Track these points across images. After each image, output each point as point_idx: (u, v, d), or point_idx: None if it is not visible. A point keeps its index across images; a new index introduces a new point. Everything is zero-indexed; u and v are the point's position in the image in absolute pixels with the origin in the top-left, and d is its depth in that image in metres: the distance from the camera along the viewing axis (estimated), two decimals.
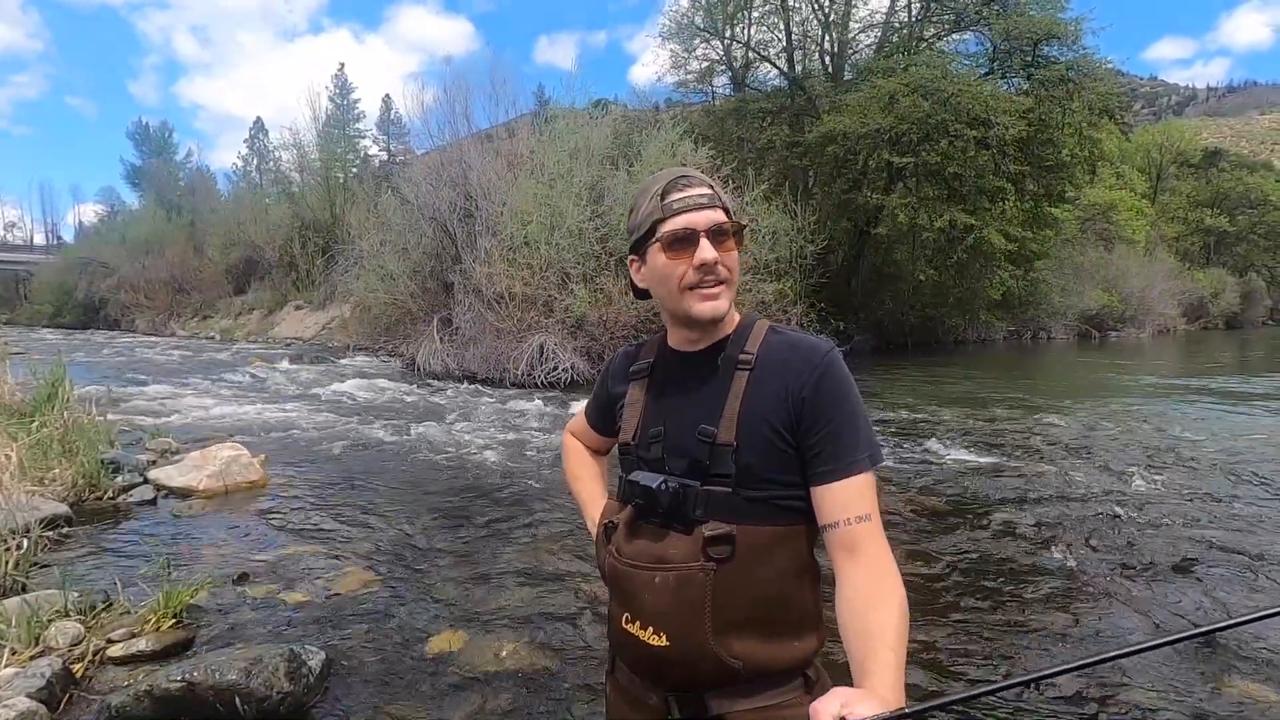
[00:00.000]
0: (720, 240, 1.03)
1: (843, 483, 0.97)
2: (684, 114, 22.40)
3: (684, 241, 1.03)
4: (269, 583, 3.40)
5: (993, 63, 20.69)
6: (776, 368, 1.03)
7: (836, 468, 0.97)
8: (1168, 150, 53.45)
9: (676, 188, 1.04)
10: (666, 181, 1.06)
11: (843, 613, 0.94)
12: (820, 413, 0.99)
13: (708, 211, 1.03)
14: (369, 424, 7.79)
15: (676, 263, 1.03)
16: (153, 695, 2.08)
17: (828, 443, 0.98)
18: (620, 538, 1.08)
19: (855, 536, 0.95)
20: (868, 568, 0.94)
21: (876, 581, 0.93)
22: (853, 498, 0.96)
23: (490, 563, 3.75)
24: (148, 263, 34.31)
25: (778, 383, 1.01)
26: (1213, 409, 9.71)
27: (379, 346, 17.20)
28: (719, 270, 1.03)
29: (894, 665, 0.85)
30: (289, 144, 33.06)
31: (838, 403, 1.00)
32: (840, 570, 0.96)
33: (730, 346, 1.07)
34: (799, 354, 1.03)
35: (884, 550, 0.96)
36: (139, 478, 5.02)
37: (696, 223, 1.02)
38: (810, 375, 1.00)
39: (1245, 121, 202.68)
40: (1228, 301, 44.27)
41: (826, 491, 0.97)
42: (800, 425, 0.99)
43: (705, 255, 1.02)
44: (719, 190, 1.07)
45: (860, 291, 21.64)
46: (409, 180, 15.81)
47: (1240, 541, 4.15)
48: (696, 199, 1.03)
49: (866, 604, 0.91)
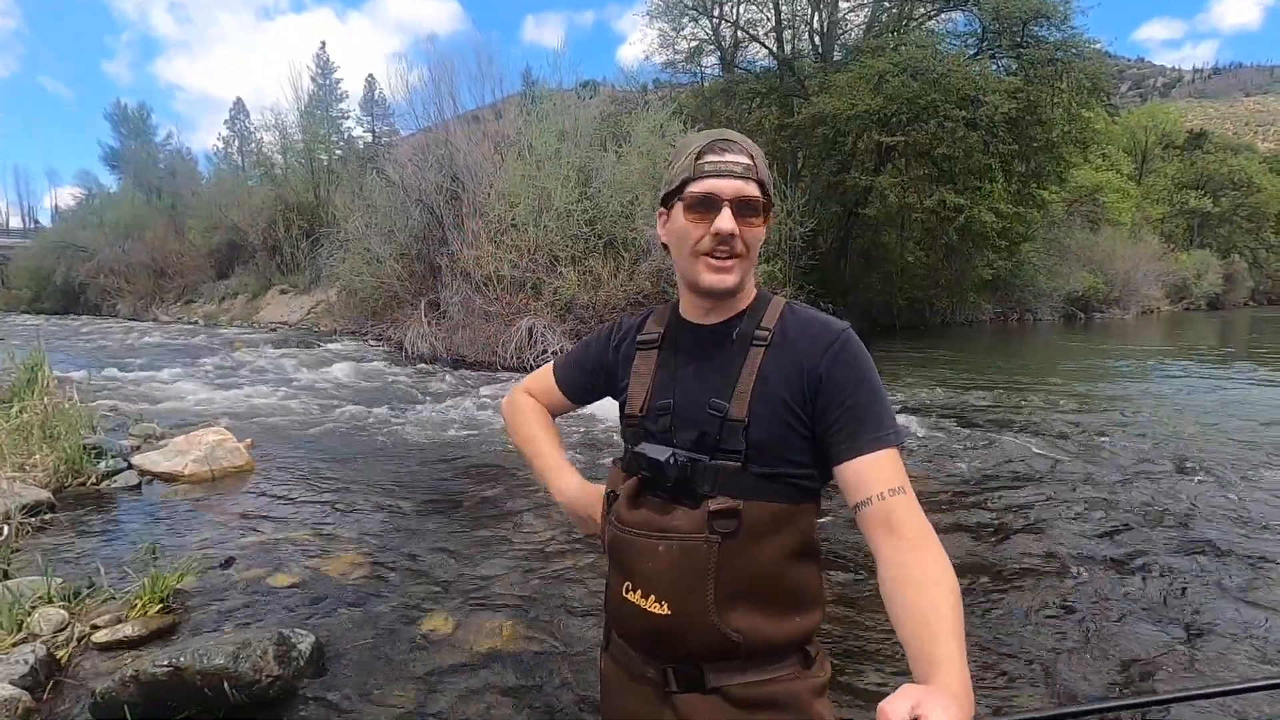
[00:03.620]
0: (746, 215, 1.01)
1: (871, 457, 0.94)
2: (672, 94, 22.18)
3: (706, 206, 1.00)
4: (257, 567, 3.36)
5: (982, 42, 20.60)
6: (792, 345, 1.01)
7: (862, 442, 0.95)
8: (1153, 132, 53.68)
9: (714, 150, 1.01)
10: (706, 142, 1.02)
11: (892, 595, 0.87)
12: (838, 390, 0.97)
13: (738, 182, 1.00)
14: (356, 408, 7.73)
15: (694, 226, 1.01)
16: (139, 681, 2.05)
17: (849, 419, 0.96)
18: (623, 507, 1.06)
19: (892, 511, 0.91)
20: (912, 546, 0.88)
21: (925, 561, 0.87)
22: (884, 471, 0.93)
23: (480, 544, 3.74)
24: (127, 247, 33.66)
25: (793, 360, 1.00)
26: (1195, 387, 9.84)
27: (366, 331, 17.04)
28: (735, 243, 1.01)
29: (959, 658, 0.78)
30: (271, 125, 32.50)
31: (858, 379, 0.98)
32: (881, 549, 0.90)
33: (746, 321, 1.06)
34: (815, 331, 1.02)
35: (926, 526, 0.90)
36: (123, 463, 4.95)
37: (723, 190, 0.99)
38: (827, 353, 0.99)
39: (1230, 104, 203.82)
40: (1210, 283, 44.72)
41: (854, 467, 0.94)
42: (816, 403, 0.98)
43: (723, 225, 0.99)
44: (760, 161, 1.03)
45: (849, 274, 21.65)
46: (394, 162, 15.58)
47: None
48: (730, 166, 1.00)
49: (919, 587, 0.85)
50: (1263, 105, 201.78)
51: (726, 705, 0.99)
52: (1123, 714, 2.25)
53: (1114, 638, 2.80)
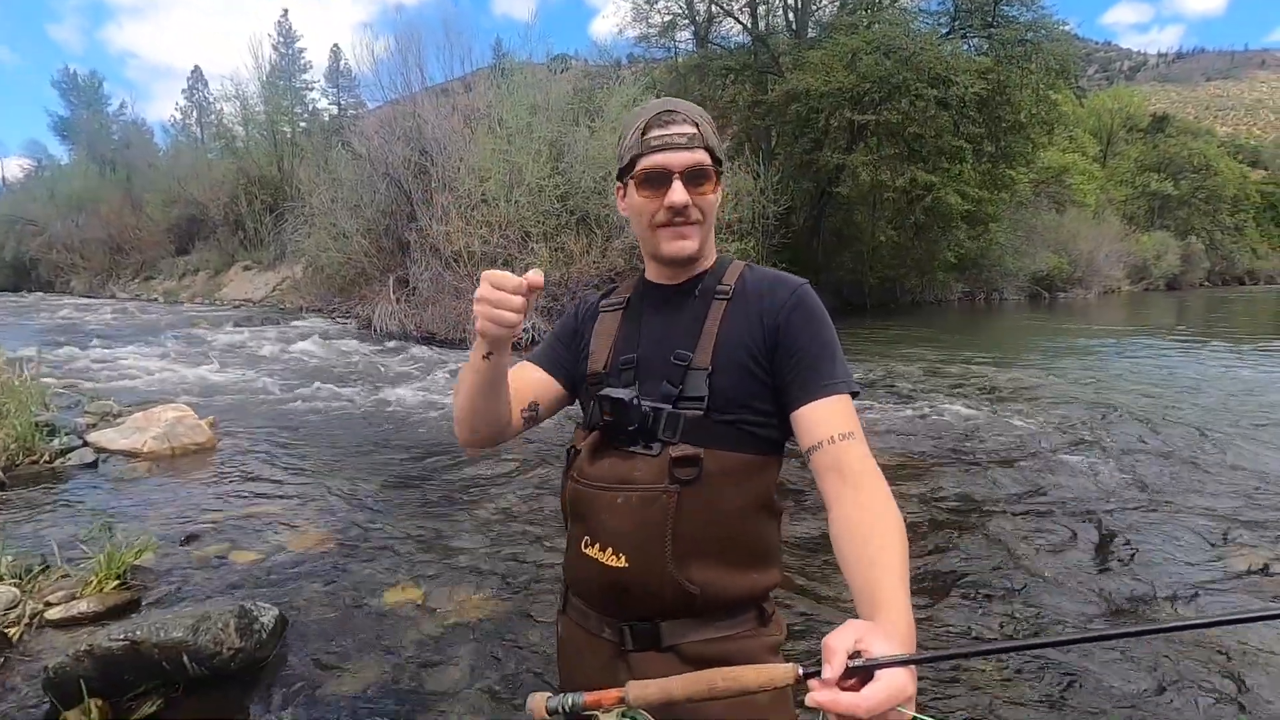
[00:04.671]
0: (697, 183, 1.03)
1: (824, 402, 0.97)
2: (646, 69, 21.90)
3: (656, 181, 1.03)
4: (219, 542, 3.31)
5: (954, 21, 20.68)
6: (754, 298, 1.06)
7: (815, 389, 0.98)
8: (1118, 115, 54.63)
9: (658, 123, 1.03)
10: (651, 115, 1.04)
11: (840, 538, 0.89)
12: (795, 339, 1.01)
13: (685, 153, 1.02)
14: (323, 385, 7.59)
15: (648, 201, 1.04)
16: (93, 655, 2.00)
17: (804, 367, 1.00)
18: (583, 461, 1.05)
19: (842, 456, 0.93)
20: (860, 490, 0.90)
21: (874, 506, 0.89)
22: (834, 416, 0.96)
23: (447, 517, 3.72)
24: (81, 221, 32.45)
25: (754, 311, 1.04)
26: (1151, 360, 10.15)
27: (333, 308, 16.71)
28: (690, 212, 1.04)
29: (904, 599, 0.80)
30: (231, 95, 31.32)
31: (813, 331, 1.02)
32: (831, 494, 0.92)
33: (708, 278, 1.10)
34: (776, 284, 1.07)
35: (875, 472, 0.92)
36: (77, 440, 4.81)
37: (672, 164, 1.02)
38: (785, 305, 1.03)
39: (1192, 88, 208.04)
40: (1169, 264, 45.86)
41: (806, 412, 0.97)
42: (776, 352, 1.01)
43: (675, 198, 1.02)
44: (706, 128, 1.05)
45: (821, 252, 21.78)
46: (360, 135, 15.16)
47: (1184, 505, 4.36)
48: (675, 138, 1.02)
49: (868, 531, 0.87)
50: (1222, 90, 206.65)
51: (680, 663, 0.98)
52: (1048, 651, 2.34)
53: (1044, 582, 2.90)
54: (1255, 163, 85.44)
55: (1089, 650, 2.47)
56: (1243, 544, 3.45)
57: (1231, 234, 56.29)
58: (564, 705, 0.76)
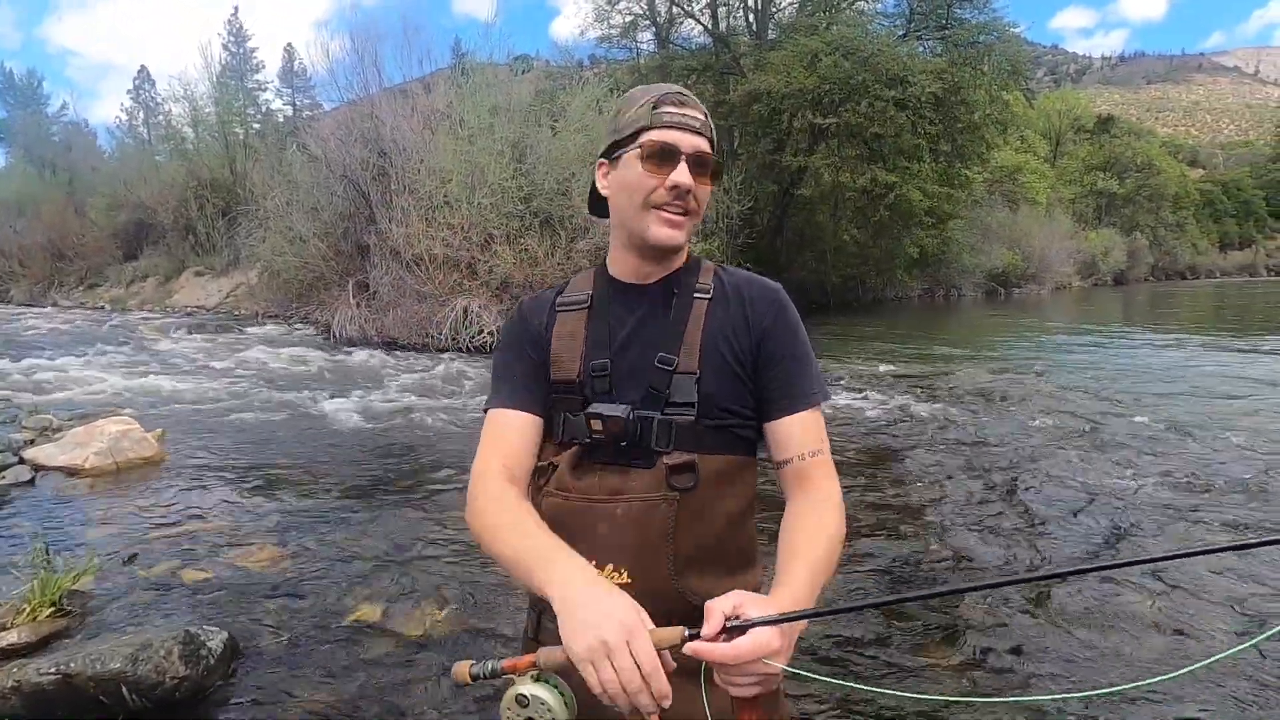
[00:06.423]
0: (699, 171, 1.00)
1: (798, 417, 1.00)
2: (609, 70, 21.84)
3: (665, 156, 0.98)
4: (165, 561, 3.14)
5: (910, 24, 21.11)
6: (735, 298, 1.04)
7: (792, 402, 1.00)
8: (1066, 116, 56.44)
9: (672, 101, 1.00)
10: (663, 93, 1.02)
11: (782, 531, 0.96)
12: (779, 345, 1.01)
13: (696, 137, 1.00)
14: (279, 394, 7.34)
15: (650, 176, 0.99)
16: (21, 691, 1.86)
17: (783, 377, 1.01)
18: (564, 476, 0.98)
19: (809, 471, 0.99)
20: (813, 499, 0.97)
21: (818, 512, 0.96)
22: (808, 433, 1.00)
23: (409, 531, 3.60)
24: (19, 226, 30.95)
25: (738, 312, 1.02)
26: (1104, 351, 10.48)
27: (290, 314, 16.23)
28: (689, 199, 1.00)
29: (804, 581, 0.84)
30: (179, 96, 30.19)
31: (794, 338, 1.03)
32: (790, 499, 0.99)
33: (685, 276, 1.06)
34: (757, 288, 1.05)
35: (832, 484, 0.99)
36: (12, 458, 4.54)
37: (682, 143, 0.98)
38: (771, 307, 1.03)
39: (1134, 90, 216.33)
40: (1116, 260, 47.55)
41: (782, 426, 1.00)
42: (760, 355, 1.01)
43: (681, 178, 0.98)
44: (709, 122, 1.04)
45: (785, 252, 21.99)
46: (316, 136, 14.78)
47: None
48: (689, 119, 1.00)
49: (802, 530, 0.93)
50: (1162, 93, 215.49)
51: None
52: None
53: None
54: (1194, 162, 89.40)
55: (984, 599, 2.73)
56: (1155, 500, 3.57)
57: (1174, 230, 58.67)
58: (484, 670, 0.82)
